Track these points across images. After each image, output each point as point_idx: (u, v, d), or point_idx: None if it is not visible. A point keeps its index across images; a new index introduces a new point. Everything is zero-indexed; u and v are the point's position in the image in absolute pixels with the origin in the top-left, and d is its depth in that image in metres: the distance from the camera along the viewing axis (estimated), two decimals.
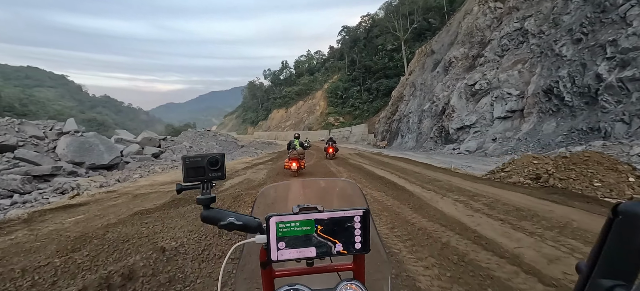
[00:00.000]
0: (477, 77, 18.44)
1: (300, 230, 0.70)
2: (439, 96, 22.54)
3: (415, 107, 27.22)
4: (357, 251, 0.72)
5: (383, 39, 64.59)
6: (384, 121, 36.43)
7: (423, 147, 20.68)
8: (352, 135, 44.48)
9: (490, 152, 14.04)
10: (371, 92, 57.76)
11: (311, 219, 0.71)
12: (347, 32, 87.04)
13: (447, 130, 18.99)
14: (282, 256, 0.70)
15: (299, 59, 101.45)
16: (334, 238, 0.71)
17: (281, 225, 0.69)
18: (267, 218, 0.70)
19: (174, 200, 5.48)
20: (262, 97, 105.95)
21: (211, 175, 0.76)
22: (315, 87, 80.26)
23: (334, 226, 0.71)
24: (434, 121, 22.05)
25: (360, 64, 64.12)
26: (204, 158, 0.74)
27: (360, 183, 6.84)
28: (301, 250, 0.70)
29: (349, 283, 0.75)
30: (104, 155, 8.90)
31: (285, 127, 79.88)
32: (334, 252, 0.71)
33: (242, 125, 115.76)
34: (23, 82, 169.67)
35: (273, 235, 0.69)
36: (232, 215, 0.75)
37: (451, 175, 7.89)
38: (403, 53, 53.72)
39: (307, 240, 0.71)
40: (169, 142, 15.52)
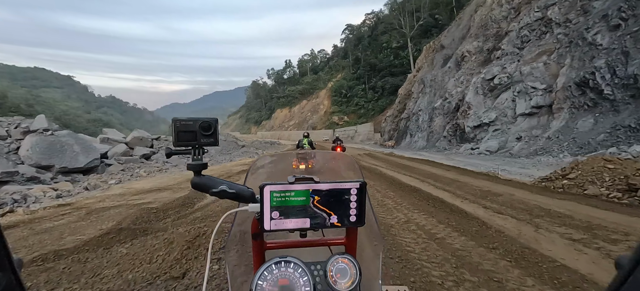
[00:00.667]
0: (495, 71, 16.93)
1: (296, 200, 0.68)
2: (452, 92, 21.05)
3: (425, 105, 25.73)
4: (352, 223, 0.71)
5: (388, 37, 63.15)
6: (391, 120, 34.95)
7: (436, 147, 19.20)
8: (358, 134, 43.04)
9: (515, 152, 12.57)
10: (376, 90, 56.21)
11: (307, 190, 0.68)
12: (351, 31, 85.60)
13: (463, 129, 17.51)
14: (276, 226, 0.68)
15: (303, 58, 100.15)
16: (329, 209, 0.70)
17: (276, 194, 0.67)
18: (262, 187, 0.67)
19: (136, 220, 4.15)
20: (265, 96, 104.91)
21: (203, 140, 0.70)
22: (319, 86, 78.93)
23: (330, 198, 0.69)
24: (447, 119, 20.56)
25: (365, 62, 62.62)
26: (196, 122, 0.69)
27: (389, 198, 5.37)
28: (295, 220, 0.68)
29: (341, 256, 0.72)
30: (79, 157, 7.63)
31: (289, 127, 78.70)
32: (329, 224, 0.70)
33: (246, 124, 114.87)
34: (30, 82, 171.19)
35: (267, 204, 0.67)
36: (225, 183, 0.72)
37: (500, 184, 6.41)
38: (409, 50, 52.15)
39: (301, 211, 0.69)
40: (162, 142, 14.29)
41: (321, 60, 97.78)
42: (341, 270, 0.71)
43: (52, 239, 3.58)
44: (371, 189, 6.40)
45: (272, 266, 0.68)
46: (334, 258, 0.72)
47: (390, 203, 5.08)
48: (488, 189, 5.82)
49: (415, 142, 24.40)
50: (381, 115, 49.16)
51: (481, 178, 7.35)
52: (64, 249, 3.22)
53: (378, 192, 5.83)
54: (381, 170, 9.22)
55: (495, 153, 13.69)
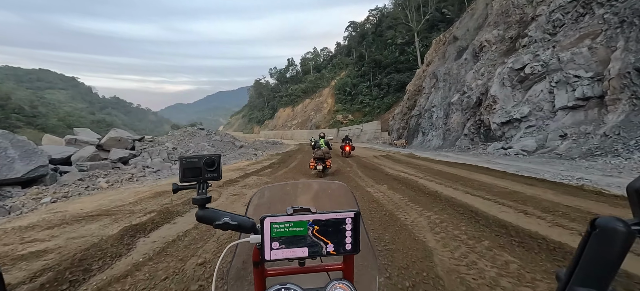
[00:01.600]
0: (525, 59, 14.74)
1: (294, 231, 0.71)
2: (472, 85, 18.87)
3: (438, 100, 23.55)
4: (348, 251, 0.73)
5: (393, 33, 60.91)
6: (399, 117, 32.80)
7: (457, 146, 17.02)
8: (364, 133, 40.88)
9: (563, 152, 10.42)
10: (382, 87, 53.99)
11: (304, 220, 0.71)
12: (355, 28, 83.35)
13: (488, 125, 15.36)
14: (276, 255, 0.70)
15: (305, 56, 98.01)
16: (326, 238, 0.72)
17: (275, 225, 0.70)
18: (262, 219, 0.70)
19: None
20: (268, 95, 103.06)
21: (207, 175, 0.74)
22: (322, 84, 76.81)
23: (326, 228, 0.72)
24: (466, 115, 18.39)
25: (369, 59, 60.34)
26: (201, 159, 0.73)
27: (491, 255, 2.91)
28: (294, 250, 0.71)
29: (339, 282, 0.74)
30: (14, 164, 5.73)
31: (292, 126, 76.80)
32: (325, 252, 0.72)
33: (249, 124, 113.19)
34: (35, 84, 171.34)
35: (267, 235, 0.70)
36: (227, 215, 0.75)
37: (611, 203, 4.39)
38: (416, 45, 49.87)
39: (299, 241, 0.71)
40: (147, 143, 12.36)
41: (324, 58, 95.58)
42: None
43: None
44: (423, 215, 4.30)
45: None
46: (332, 284, 0.74)
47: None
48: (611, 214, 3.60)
49: (429, 140, 22.25)
50: (388, 112, 46.98)
51: (562, 191, 5.25)
52: None
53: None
54: (418, 180, 6.92)
55: (534, 153, 11.55)
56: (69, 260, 2.76)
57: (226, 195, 6.11)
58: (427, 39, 51.05)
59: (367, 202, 5.10)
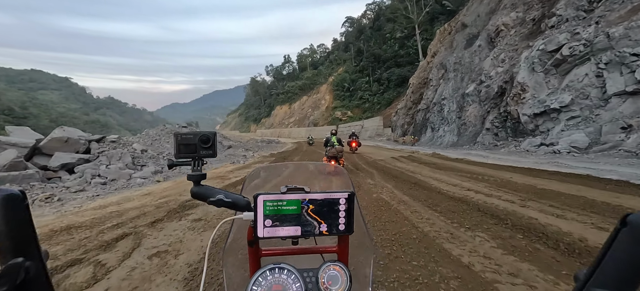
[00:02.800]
0: (561, 39, 12.41)
1: (287, 209, 0.70)
2: (491, 74, 16.54)
3: (449, 92, 21.23)
4: (341, 232, 0.72)
5: (392, 27, 58.54)
6: (403, 112, 30.48)
7: (480, 143, 14.67)
8: (365, 130, 38.51)
9: (632, 147, 8.12)
10: (382, 82, 51.63)
11: (298, 199, 0.70)
12: (351, 23, 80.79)
13: (516, 118, 13.06)
14: (268, 233, 0.70)
15: (302, 52, 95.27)
16: (320, 218, 0.71)
17: (268, 203, 0.69)
18: (255, 196, 0.70)
19: None
20: (264, 93, 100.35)
21: (202, 152, 0.73)
22: (320, 81, 74.29)
23: (320, 208, 0.71)
24: (486, 107, 16.07)
25: (368, 53, 57.88)
26: (196, 135, 0.72)
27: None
28: (287, 229, 0.70)
29: (333, 264, 0.73)
30: None
31: (289, 124, 74.31)
32: (319, 232, 0.71)
33: (245, 123, 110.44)
34: (27, 85, 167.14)
35: (260, 213, 0.69)
36: (222, 193, 0.74)
37: None
38: (417, 37, 47.52)
39: (293, 219, 0.70)
40: (108, 144, 9.91)
41: (321, 54, 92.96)
42: (332, 277, 0.71)
43: None
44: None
45: (266, 272, 0.70)
46: (325, 265, 0.73)
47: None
48: None
49: (441, 136, 19.93)
50: (389, 108, 44.67)
51: None
52: None
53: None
54: (519, 210, 4.06)
55: (588, 150, 9.25)
56: None
57: (190, 220, 3.77)
58: (427, 32, 48.82)
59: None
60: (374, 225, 3.76)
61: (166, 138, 13.44)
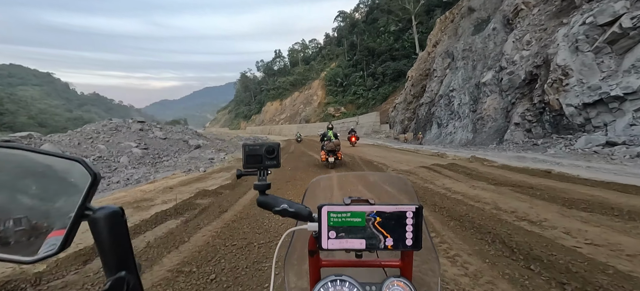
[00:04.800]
0: (618, 8, 9.63)
1: (351, 221, 0.68)
2: (514, 58, 13.74)
3: (459, 82, 18.43)
4: (408, 247, 0.68)
5: (385, 20, 55.71)
6: (402, 107, 27.65)
7: (510, 142, 11.74)
8: (359, 126, 35.55)
9: None
10: (376, 77, 48.75)
11: (363, 212, 0.68)
12: (344, 17, 77.59)
13: (558, 109, 10.27)
14: (332, 245, 0.68)
15: (293, 47, 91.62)
16: (386, 232, 0.68)
17: (333, 214, 0.68)
18: (320, 207, 0.68)
19: None
20: (254, 89, 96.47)
21: (267, 162, 0.74)
22: (312, 76, 71.00)
23: (386, 221, 0.68)
24: (511, 97, 13.27)
25: (361, 47, 54.87)
26: (262, 147, 0.74)
27: None
28: (351, 241, 0.68)
29: (397, 280, 0.70)
30: None
31: (280, 121, 70.94)
32: (383, 246, 0.68)
33: (235, 120, 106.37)
34: (5, 80, 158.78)
35: (324, 224, 0.68)
36: (286, 202, 0.74)
37: None
38: (414, 29, 44.77)
39: (357, 232, 0.68)
40: (17, 140, 6.65)
41: (313, 50, 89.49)
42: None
43: None
44: None
45: (328, 284, 0.69)
46: (389, 280, 0.70)
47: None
48: None
49: (451, 133, 17.13)
50: (385, 103, 41.88)
51: None
52: None
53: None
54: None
55: None
56: None
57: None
58: (423, 25, 46.22)
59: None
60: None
61: (107, 136, 10.19)
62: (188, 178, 7.25)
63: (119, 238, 0.42)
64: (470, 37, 20.23)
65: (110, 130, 11.16)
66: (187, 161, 9.56)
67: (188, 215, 4.27)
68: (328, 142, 8.28)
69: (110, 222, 0.41)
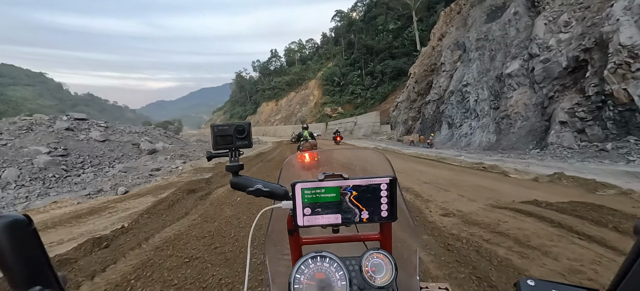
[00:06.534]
0: None
1: (326, 197, 0.67)
2: (550, 43, 11.13)
3: (474, 76, 15.83)
4: (384, 219, 0.68)
5: (383, 19, 53.26)
6: (405, 106, 25.03)
7: (556, 145, 8.95)
8: (358, 127, 32.85)
9: None
10: (375, 75, 46.12)
11: (336, 186, 0.67)
12: (341, 17, 75.01)
13: (628, 103, 7.66)
14: (308, 221, 0.68)
15: (290, 47, 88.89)
16: (361, 205, 0.68)
17: (307, 191, 0.67)
18: (293, 185, 0.67)
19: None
20: (250, 89, 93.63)
21: (238, 143, 0.71)
22: (308, 76, 68.33)
23: (361, 194, 0.68)
24: (547, 90, 10.64)
25: (360, 45, 52.22)
26: (231, 126, 0.71)
27: None
28: (327, 217, 0.68)
29: (376, 252, 0.69)
30: None
31: (276, 121, 68.21)
32: (359, 219, 0.68)
33: (230, 120, 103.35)
34: None
35: (299, 201, 0.67)
36: (260, 182, 0.72)
37: None
38: (414, 25, 42.30)
39: (332, 207, 0.68)
40: None
41: (309, 50, 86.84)
42: (376, 265, 0.68)
43: None
44: None
45: (308, 260, 0.68)
46: (368, 253, 0.70)
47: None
48: None
49: (466, 135, 14.50)
50: (384, 103, 39.29)
51: None
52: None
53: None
54: None
55: None
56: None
57: None
58: (422, 22, 43.80)
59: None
60: None
61: (11, 136, 7.49)
62: (73, 211, 4.54)
63: (27, 251, 0.36)
64: (484, 26, 17.67)
65: (18, 129, 8.41)
66: (119, 173, 6.85)
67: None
68: (304, 142, 7.69)
69: (9, 233, 0.36)
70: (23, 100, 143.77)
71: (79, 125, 10.37)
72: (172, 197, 4.86)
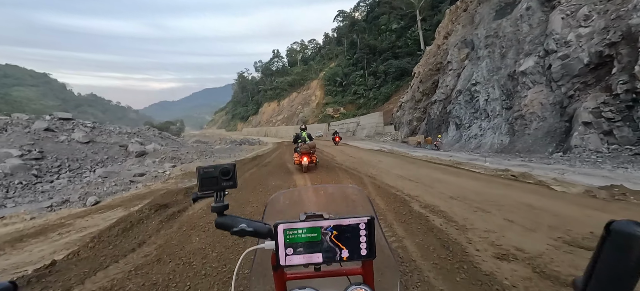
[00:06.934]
0: None
1: (307, 237, 0.69)
2: (568, 38, 10.35)
3: (484, 74, 15.05)
4: (363, 257, 0.70)
5: (386, 18, 52.50)
6: (410, 106, 24.26)
7: (582, 149, 8.13)
8: (361, 128, 32.09)
9: None
10: (378, 75, 45.38)
11: (317, 226, 0.69)
12: (344, 17, 74.27)
13: None
14: (291, 261, 0.69)
15: (292, 47, 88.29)
16: (341, 244, 0.70)
17: (289, 231, 0.69)
18: (275, 226, 0.69)
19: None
20: (252, 89, 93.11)
21: (224, 184, 0.73)
22: (310, 76, 67.68)
23: (341, 234, 0.70)
24: (567, 88, 9.86)
25: (362, 44, 51.48)
26: (217, 168, 0.72)
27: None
28: (308, 256, 0.69)
29: (358, 287, 0.71)
30: None
31: (277, 122, 67.58)
32: (340, 258, 0.70)
33: (232, 121, 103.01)
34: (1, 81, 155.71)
35: (281, 242, 0.69)
36: (244, 222, 0.74)
37: None
38: (418, 25, 41.51)
39: (314, 246, 0.69)
40: None
41: (312, 50, 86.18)
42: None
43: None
44: None
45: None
46: (351, 288, 0.71)
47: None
48: None
49: (476, 136, 13.73)
50: (387, 103, 38.51)
51: None
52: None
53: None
54: None
55: None
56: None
57: None
58: (426, 22, 42.99)
59: None
60: None
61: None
62: (18, 230, 3.77)
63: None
64: (493, 22, 16.88)
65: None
66: (97, 179, 6.19)
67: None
68: (302, 143, 7.62)
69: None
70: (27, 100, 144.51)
71: (61, 125, 9.70)
72: (136, 214, 3.98)
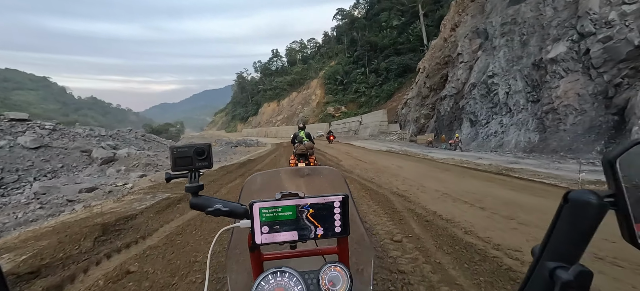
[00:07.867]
0: None
1: (283, 215, 0.70)
2: (611, 17, 8.82)
3: (502, 65, 13.51)
4: (337, 234, 0.72)
5: (387, 15, 50.95)
6: (416, 103, 22.73)
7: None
8: (364, 126, 30.53)
9: None
10: (379, 73, 43.86)
11: (293, 205, 0.70)
12: (343, 15, 72.70)
13: None
14: (266, 239, 0.69)
15: (291, 46, 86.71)
16: (316, 222, 0.71)
17: (264, 210, 0.69)
18: (251, 205, 0.69)
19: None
20: (251, 90, 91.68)
21: (198, 164, 0.72)
22: (310, 75, 66.17)
23: (316, 212, 0.71)
24: (612, 75, 8.34)
25: (363, 42, 49.95)
26: (191, 148, 0.71)
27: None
28: (284, 234, 0.70)
29: (333, 265, 0.73)
30: None
31: (277, 122, 66.14)
32: (315, 235, 0.71)
33: (232, 122, 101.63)
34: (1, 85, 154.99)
35: (257, 220, 0.69)
36: (219, 202, 0.73)
37: None
38: (421, 19, 39.94)
39: (289, 225, 0.70)
40: None
41: (311, 49, 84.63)
42: (333, 277, 0.71)
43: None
44: None
45: (268, 276, 0.70)
46: (326, 266, 0.72)
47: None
48: None
49: (495, 134, 12.21)
50: (391, 100, 37.01)
51: None
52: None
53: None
54: None
55: None
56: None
57: None
58: (428, 17, 41.46)
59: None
60: None
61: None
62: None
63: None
64: (509, 9, 15.33)
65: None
66: (28, 197, 4.80)
67: None
68: (299, 144, 7.17)
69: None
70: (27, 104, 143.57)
71: (10, 127, 8.21)
72: (47, 251, 2.51)
